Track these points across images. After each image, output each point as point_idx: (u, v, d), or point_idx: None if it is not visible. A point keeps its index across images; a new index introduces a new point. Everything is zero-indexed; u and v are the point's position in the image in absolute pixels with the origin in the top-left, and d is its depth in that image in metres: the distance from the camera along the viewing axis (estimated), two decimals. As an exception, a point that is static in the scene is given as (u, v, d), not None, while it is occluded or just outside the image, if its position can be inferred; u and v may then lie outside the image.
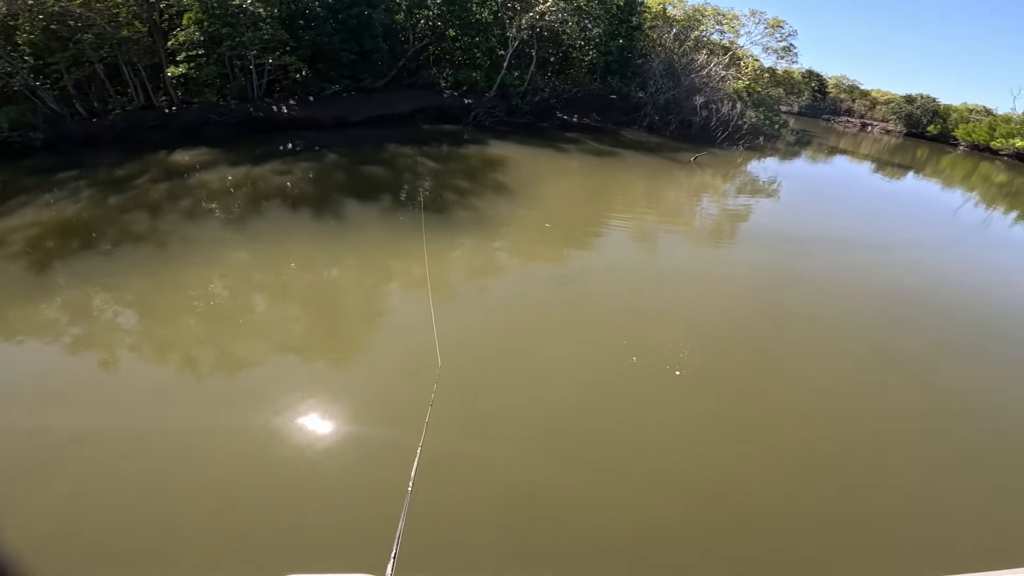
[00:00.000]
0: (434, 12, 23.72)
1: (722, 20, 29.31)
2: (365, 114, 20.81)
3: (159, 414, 5.37)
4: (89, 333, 6.67)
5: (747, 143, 26.02)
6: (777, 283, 10.72)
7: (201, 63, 17.06)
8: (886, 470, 5.75)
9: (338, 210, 11.78)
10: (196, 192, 11.78)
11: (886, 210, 20.45)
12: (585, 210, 14.68)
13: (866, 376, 7.57)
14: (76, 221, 9.65)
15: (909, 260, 13.44)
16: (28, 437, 4.96)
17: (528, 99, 24.41)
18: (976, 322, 10.06)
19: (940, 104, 47.97)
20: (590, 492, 4.99)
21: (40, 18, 14.08)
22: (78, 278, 7.79)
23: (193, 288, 7.91)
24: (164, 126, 16.52)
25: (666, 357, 7.18)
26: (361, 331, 7.33)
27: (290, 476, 4.75)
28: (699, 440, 5.84)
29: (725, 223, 15.26)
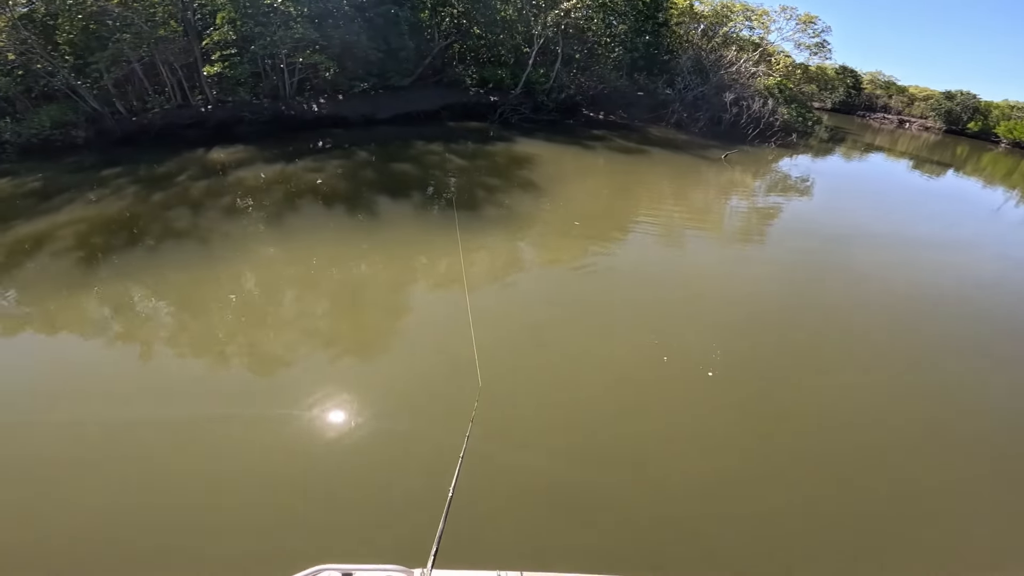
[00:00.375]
0: (459, 10, 23.67)
1: (751, 16, 28.53)
2: (392, 111, 20.91)
3: (197, 407, 5.44)
4: (138, 327, 6.80)
5: (779, 140, 25.33)
6: (812, 282, 10.41)
7: (235, 62, 17.35)
8: (928, 473, 5.58)
9: (371, 207, 11.82)
10: (234, 189, 11.96)
11: (924, 208, 19.67)
12: (613, 208, 14.45)
13: (907, 379, 7.29)
14: (121, 218, 9.88)
15: (949, 260, 12.90)
16: (65, 430, 5.05)
17: (554, 96, 24.19)
18: (1018, 327, 9.58)
19: (980, 101, 45.94)
20: (625, 496, 4.87)
21: (79, 17, 14.48)
22: (123, 273, 7.96)
23: (234, 284, 8.02)
24: (200, 124, 16.86)
25: (699, 358, 7.01)
26: (398, 329, 7.31)
27: (324, 469, 4.79)
28: (732, 444, 5.66)
29: (757, 221, 14.86)
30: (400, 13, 20.66)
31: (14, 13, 13.93)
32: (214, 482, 4.57)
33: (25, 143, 13.44)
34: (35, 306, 7.13)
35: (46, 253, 8.39)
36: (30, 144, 13.51)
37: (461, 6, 23.53)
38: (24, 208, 10.00)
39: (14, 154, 13.38)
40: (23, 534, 4.05)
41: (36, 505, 4.27)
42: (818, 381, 7.03)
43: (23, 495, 4.36)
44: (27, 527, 4.10)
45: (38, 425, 5.13)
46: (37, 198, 10.57)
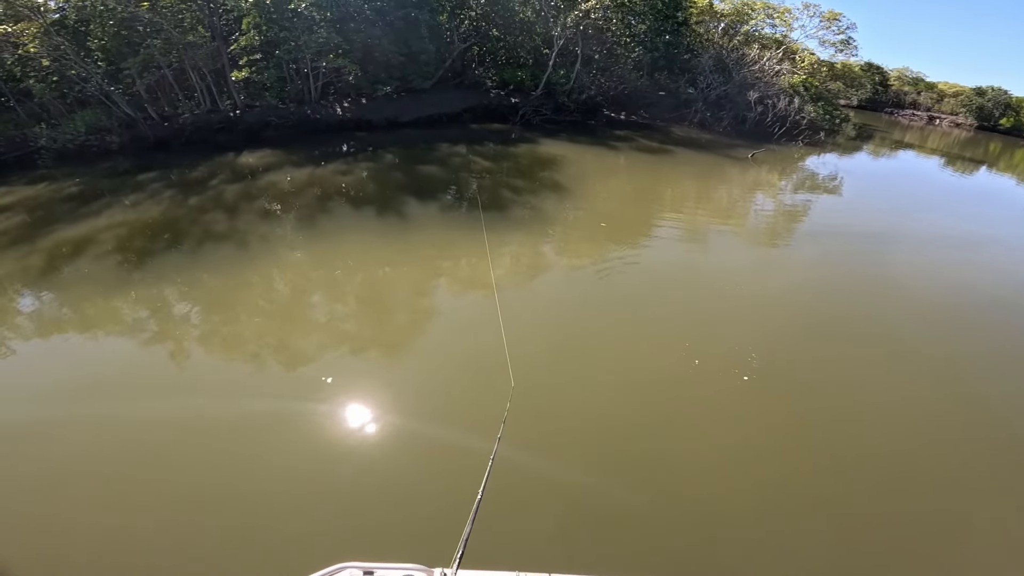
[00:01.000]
0: (476, 12, 23.64)
1: (773, 14, 28.06)
2: (415, 114, 20.89)
3: (234, 404, 5.43)
4: (177, 328, 6.75)
5: (807, 139, 24.80)
6: (845, 282, 10.04)
7: (261, 67, 17.49)
8: (978, 484, 5.31)
9: (400, 209, 11.73)
10: (267, 193, 11.97)
11: (960, 207, 19.04)
12: (639, 209, 14.18)
13: (949, 386, 6.92)
14: (159, 221, 9.91)
15: (985, 259, 12.42)
16: (109, 426, 5.04)
17: (575, 97, 24.00)
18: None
19: (1012, 97, 44.59)
20: (657, 513, 4.61)
21: (111, 23, 14.69)
22: (163, 276, 7.93)
23: (271, 286, 7.95)
24: (230, 129, 16.98)
25: (731, 361, 6.75)
26: (429, 329, 7.17)
27: (352, 467, 4.76)
28: (767, 450, 5.40)
29: (786, 221, 14.48)
30: (420, 16, 20.68)
31: (46, 19, 14.19)
32: (244, 477, 4.58)
33: (61, 148, 13.63)
34: (77, 307, 7.12)
35: (88, 256, 8.42)
36: (66, 150, 13.70)
37: (479, 9, 23.50)
38: (64, 212, 10.09)
39: (50, 160, 13.57)
40: (91, 517, 4.11)
41: (80, 502, 4.29)
42: (860, 385, 6.70)
43: (80, 489, 4.37)
44: (87, 516, 4.15)
45: (83, 421, 5.13)
46: (76, 202, 10.66)
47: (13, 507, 4.20)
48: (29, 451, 4.78)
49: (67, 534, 4.02)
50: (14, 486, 4.41)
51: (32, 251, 8.41)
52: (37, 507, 4.19)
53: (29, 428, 5.04)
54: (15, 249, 8.47)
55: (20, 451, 4.78)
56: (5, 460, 4.67)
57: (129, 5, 14.48)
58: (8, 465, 4.62)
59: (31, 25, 13.57)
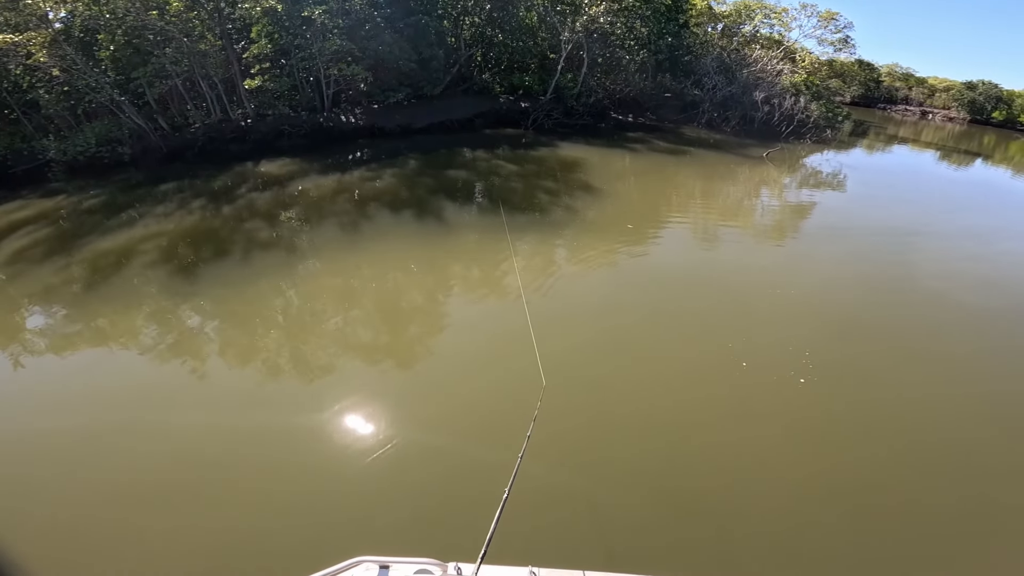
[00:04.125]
0: (480, 18, 23.79)
1: (771, 14, 28.86)
2: (427, 121, 20.81)
3: (261, 414, 5.23)
4: (241, 336, 6.41)
5: (814, 136, 25.35)
6: (883, 277, 9.96)
7: (275, 75, 17.22)
8: None
9: (437, 213, 11.57)
10: (301, 200, 11.68)
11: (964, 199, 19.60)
12: (663, 208, 14.26)
13: (988, 382, 6.74)
14: (199, 231, 9.57)
15: (1009, 250, 12.61)
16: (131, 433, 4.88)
17: (583, 100, 24.22)
18: None
19: (1003, 90, 46.47)
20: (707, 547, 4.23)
21: (119, 32, 14.33)
22: (219, 283, 7.63)
23: (328, 291, 7.66)
24: (242, 139, 16.66)
25: (780, 362, 6.51)
26: (464, 330, 7.00)
27: (378, 468, 4.63)
28: (819, 446, 5.21)
29: (813, 219, 14.68)
30: (429, 23, 20.70)
31: (52, 29, 13.76)
32: (265, 479, 4.48)
33: (71, 161, 13.13)
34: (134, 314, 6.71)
35: (136, 266, 8.06)
36: (76, 162, 13.21)
37: (484, 15, 23.65)
38: (94, 224, 9.67)
39: (60, 173, 13.08)
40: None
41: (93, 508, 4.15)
42: (919, 381, 6.52)
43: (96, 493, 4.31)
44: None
45: (109, 428, 5.01)
46: (103, 214, 10.24)
47: (28, 508, 4.18)
48: (66, 456, 4.66)
49: (85, 538, 4.01)
50: (34, 489, 4.34)
51: (70, 263, 7.98)
52: (54, 510, 4.18)
53: (71, 435, 4.80)
54: (51, 262, 8.02)
55: (63, 457, 4.61)
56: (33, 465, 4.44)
57: (138, 13, 14.14)
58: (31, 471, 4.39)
59: (39, 35, 13.13)
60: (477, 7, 23.26)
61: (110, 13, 13.99)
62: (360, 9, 18.24)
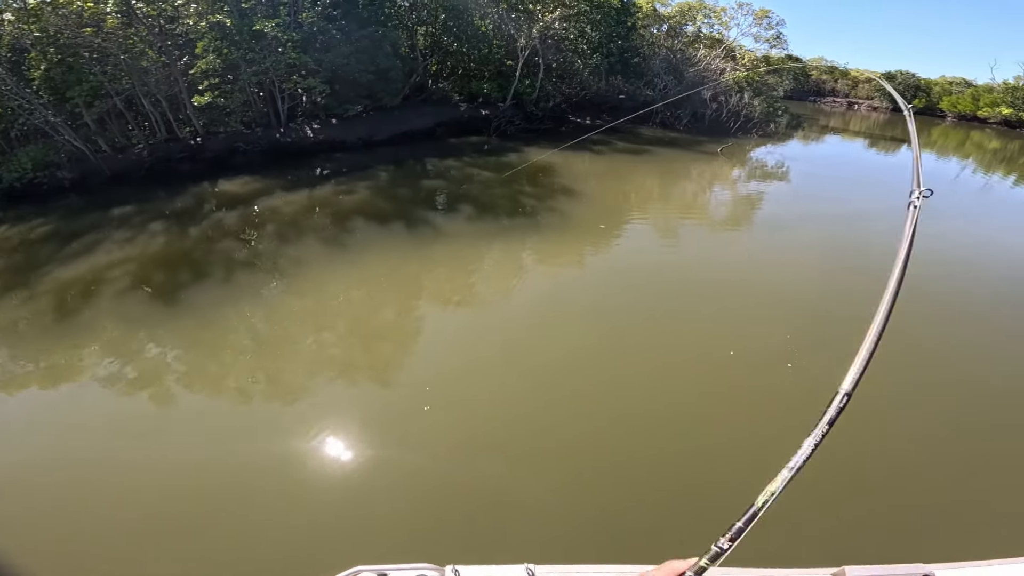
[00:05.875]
0: (436, 28, 24.09)
1: (710, 14, 30.82)
2: (389, 132, 20.77)
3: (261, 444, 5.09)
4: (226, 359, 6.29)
5: (759, 131, 27.24)
6: (843, 259, 10.88)
7: (225, 91, 16.69)
8: None
9: (419, 223, 11.70)
10: (273, 218, 11.45)
11: (901, 183, 21.61)
12: (631, 206, 15.03)
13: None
14: (171, 254, 9.20)
15: (951, 228, 14.01)
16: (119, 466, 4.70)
17: (542, 105, 24.94)
18: None
19: (920, 79, 51.43)
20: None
21: (52, 50, 13.53)
22: (205, 307, 7.38)
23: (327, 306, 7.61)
24: (193, 158, 16.02)
25: (766, 348, 6.81)
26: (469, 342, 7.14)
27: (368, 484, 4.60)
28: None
29: (769, 207, 15.92)
30: (386, 33, 20.76)
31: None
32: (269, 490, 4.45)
33: (7, 188, 12.19)
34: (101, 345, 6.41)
35: (102, 296, 7.66)
36: (13, 189, 12.28)
37: (438, 24, 23.95)
38: (48, 254, 9.10)
39: (-6, 202, 12.09)
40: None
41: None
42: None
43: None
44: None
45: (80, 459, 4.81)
46: (56, 243, 9.62)
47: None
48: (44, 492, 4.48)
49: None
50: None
51: (33, 295, 7.47)
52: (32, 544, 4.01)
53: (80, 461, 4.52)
54: (11, 295, 7.46)
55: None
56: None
57: (72, 30, 13.39)
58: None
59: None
60: (431, 17, 23.56)
61: (40, 31, 13.17)
62: (313, 22, 18.06)
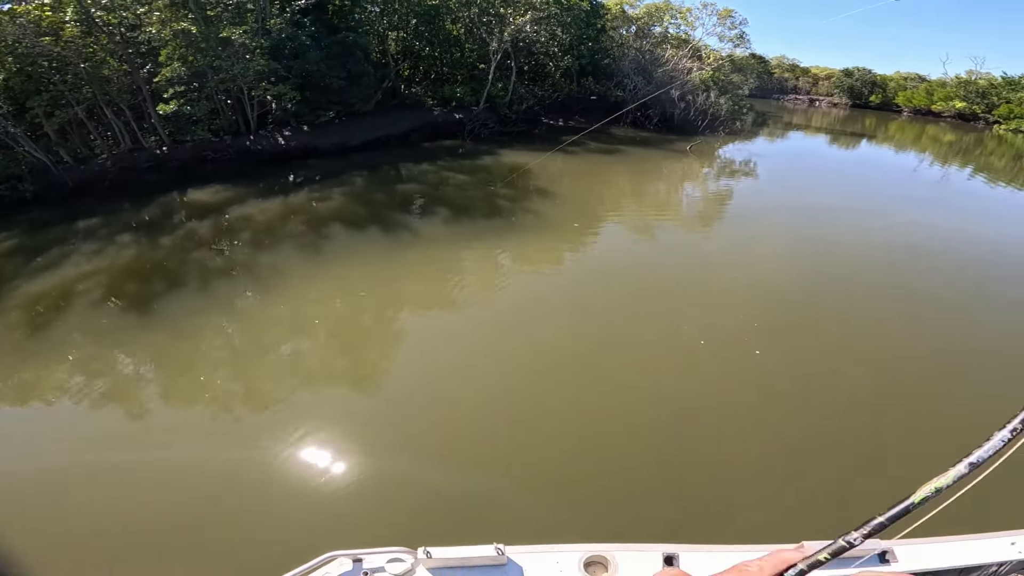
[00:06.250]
0: (408, 33, 24.19)
1: (677, 15, 31.70)
2: (363, 138, 20.74)
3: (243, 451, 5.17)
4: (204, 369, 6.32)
5: (726, 129, 28.17)
6: (808, 250, 11.53)
7: (192, 99, 16.44)
8: None
9: (395, 228, 11.86)
10: (247, 226, 11.39)
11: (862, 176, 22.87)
12: (606, 206, 15.48)
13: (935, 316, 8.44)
14: (143, 265, 9.08)
15: (912, 219, 14.98)
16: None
17: (515, 108, 25.27)
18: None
19: (877, 75, 53.92)
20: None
21: (10, 59, 13.17)
22: (182, 317, 7.35)
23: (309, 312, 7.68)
24: (159, 167, 15.74)
25: (734, 336, 7.18)
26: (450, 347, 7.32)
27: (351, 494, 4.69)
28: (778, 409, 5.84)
29: (738, 202, 16.65)
30: (358, 40, 20.77)
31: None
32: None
33: (-35, 204, 11.79)
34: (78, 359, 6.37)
35: (77, 308, 7.54)
36: (-30, 205, 11.87)
37: (410, 29, 24.05)
38: (14, 268, 8.89)
39: (-51, 219, 11.65)
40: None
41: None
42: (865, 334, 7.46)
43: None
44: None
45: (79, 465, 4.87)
46: (21, 257, 9.40)
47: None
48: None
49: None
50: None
51: (1, 311, 7.29)
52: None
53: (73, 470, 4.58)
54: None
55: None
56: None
57: (31, 39, 13.04)
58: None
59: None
60: (403, 22, 23.64)
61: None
62: (282, 28, 17.96)
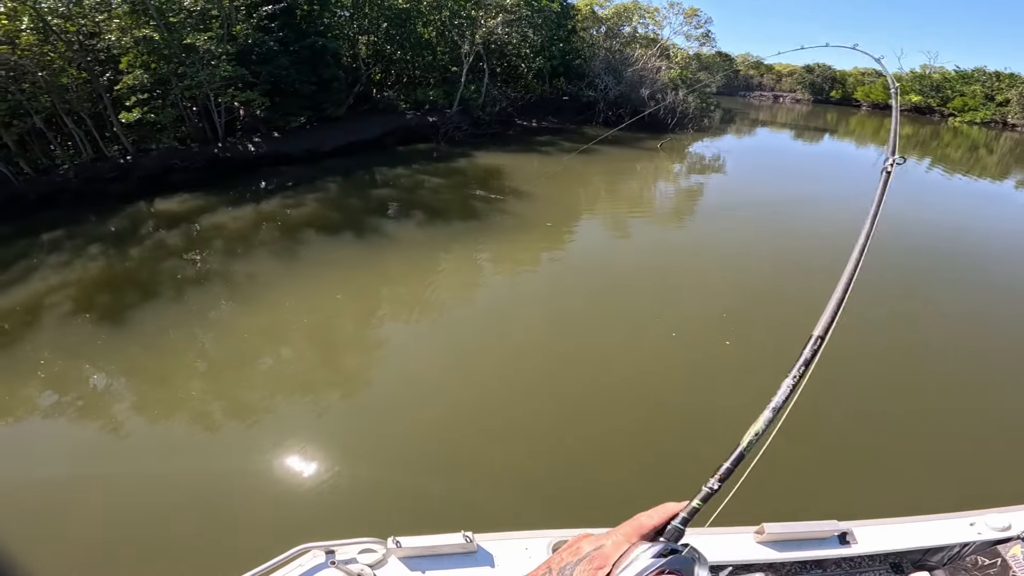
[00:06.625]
0: (379, 37, 24.16)
1: (645, 14, 32.51)
2: (335, 143, 20.63)
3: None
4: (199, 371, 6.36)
5: (695, 126, 29.00)
6: (777, 243, 12.14)
7: (156, 106, 16.14)
8: None
9: (372, 234, 11.90)
10: (219, 234, 11.30)
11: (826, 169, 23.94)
12: (581, 204, 15.86)
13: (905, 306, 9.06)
14: (114, 276, 8.95)
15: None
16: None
17: (489, 110, 25.49)
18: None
19: (836, 71, 56.20)
20: None
21: (-37, 70, 12.77)
22: (157, 330, 7.31)
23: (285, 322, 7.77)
24: (124, 177, 15.37)
25: (705, 328, 7.53)
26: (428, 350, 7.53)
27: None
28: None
29: (708, 198, 17.32)
30: (328, 44, 20.67)
31: None
32: None
33: (-82, 221, 11.34)
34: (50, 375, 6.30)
35: (48, 321, 7.41)
36: (-75, 222, 11.43)
37: (381, 33, 24.02)
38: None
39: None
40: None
41: None
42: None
43: None
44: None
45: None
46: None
47: None
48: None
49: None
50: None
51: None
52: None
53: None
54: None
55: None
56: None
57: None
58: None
59: None
60: (373, 26, 23.59)
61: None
62: (249, 34, 17.76)
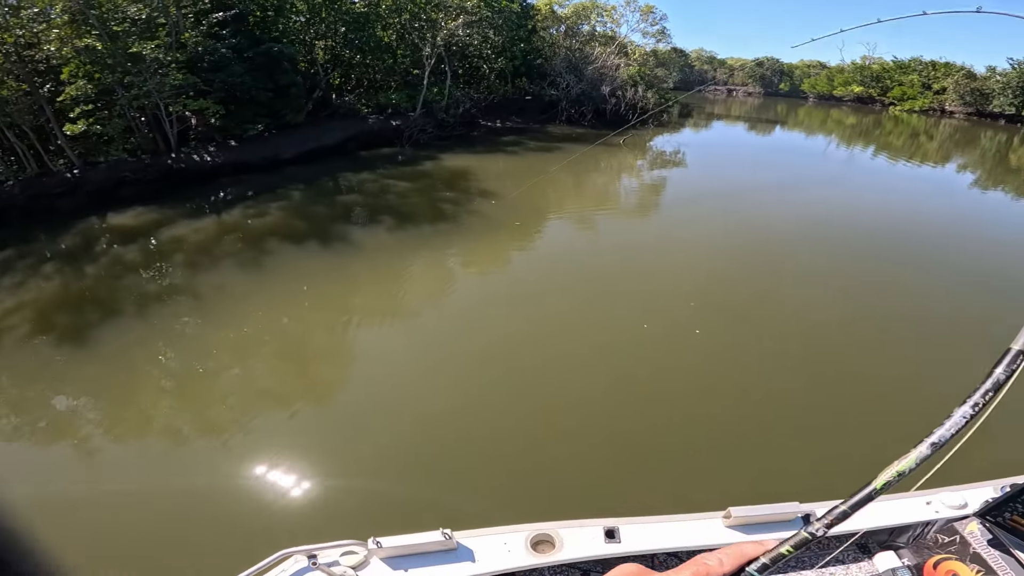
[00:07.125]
0: (337, 41, 23.92)
1: (603, 13, 33.24)
2: (296, 150, 20.35)
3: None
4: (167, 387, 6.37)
5: (655, 121, 29.92)
6: (739, 230, 12.81)
7: (102, 117, 15.58)
8: None
9: (337, 241, 11.90)
10: (179, 248, 11.09)
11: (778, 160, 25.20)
12: (549, 202, 16.24)
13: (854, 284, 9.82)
14: (71, 295, 8.73)
15: (822, 197, 16.96)
16: None
17: (452, 112, 25.61)
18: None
19: (784, 64, 58.78)
20: None
21: None
22: (117, 350, 7.20)
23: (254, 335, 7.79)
24: (73, 192, 14.81)
25: (675, 318, 7.97)
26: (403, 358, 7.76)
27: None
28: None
29: (671, 191, 17.97)
30: (283, 50, 20.36)
31: None
32: None
33: None
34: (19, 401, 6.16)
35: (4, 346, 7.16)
36: None
37: (339, 37, 23.78)
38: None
39: None
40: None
41: None
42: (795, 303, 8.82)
43: None
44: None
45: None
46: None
47: None
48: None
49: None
50: None
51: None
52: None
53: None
54: None
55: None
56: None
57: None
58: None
59: None
60: (330, 30, 23.34)
61: None
62: (199, 41, 17.33)
